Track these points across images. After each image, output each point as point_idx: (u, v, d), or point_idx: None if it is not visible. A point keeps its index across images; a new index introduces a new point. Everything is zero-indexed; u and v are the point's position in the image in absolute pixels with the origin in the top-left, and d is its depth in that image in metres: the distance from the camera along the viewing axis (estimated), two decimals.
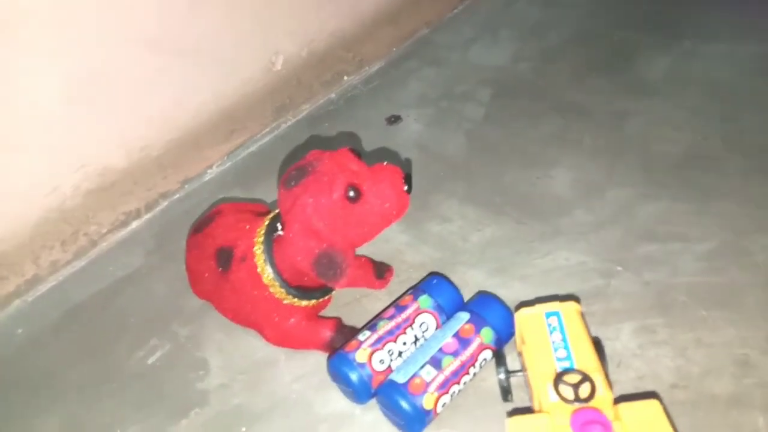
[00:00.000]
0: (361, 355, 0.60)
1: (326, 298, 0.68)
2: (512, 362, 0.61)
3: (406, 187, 0.60)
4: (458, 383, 0.58)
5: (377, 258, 0.79)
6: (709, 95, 0.98)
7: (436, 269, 0.77)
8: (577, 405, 0.48)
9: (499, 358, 0.58)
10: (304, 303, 0.65)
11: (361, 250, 0.79)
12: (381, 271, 0.75)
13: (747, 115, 0.92)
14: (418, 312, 0.64)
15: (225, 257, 0.67)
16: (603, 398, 0.49)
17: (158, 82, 0.91)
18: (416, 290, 0.66)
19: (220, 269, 0.68)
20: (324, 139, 1.06)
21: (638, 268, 0.72)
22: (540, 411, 0.50)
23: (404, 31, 1.33)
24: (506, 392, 0.57)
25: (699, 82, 1.02)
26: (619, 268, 0.73)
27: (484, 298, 0.65)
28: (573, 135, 0.96)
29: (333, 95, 1.19)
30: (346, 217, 0.59)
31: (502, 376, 0.57)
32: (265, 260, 0.63)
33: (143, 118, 0.92)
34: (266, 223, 0.65)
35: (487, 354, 0.61)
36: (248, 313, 0.68)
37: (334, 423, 0.62)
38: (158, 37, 0.89)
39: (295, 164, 0.62)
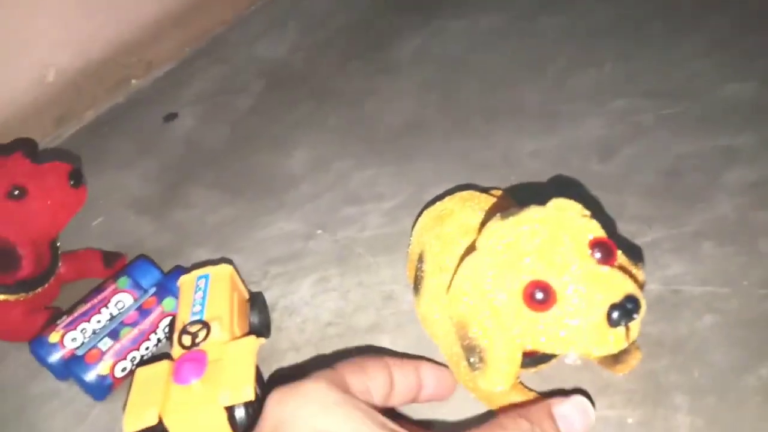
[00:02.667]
0: (54, 337, 0.67)
1: (40, 290, 0.74)
2: None
3: (72, 182, 0.67)
4: (137, 350, 0.67)
5: (121, 247, 0.86)
6: (440, 69, 1.09)
7: (170, 253, 0.85)
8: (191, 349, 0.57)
9: (172, 323, 0.66)
10: (14, 297, 0.72)
11: (100, 242, 0.87)
12: (110, 260, 0.82)
13: (464, 84, 1.04)
14: (115, 292, 0.71)
15: None
16: (215, 341, 0.58)
17: None
18: (118, 273, 0.74)
19: None
20: (99, 144, 1.11)
21: (334, 229, 0.82)
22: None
23: (196, 31, 1.38)
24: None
25: (436, 58, 1.13)
26: (320, 231, 0.82)
27: (175, 272, 0.73)
28: (321, 116, 1.06)
29: (120, 100, 1.24)
30: (16, 215, 0.66)
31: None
32: None
33: None
34: None
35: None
36: None
37: (43, 400, 0.69)
38: None
39: None
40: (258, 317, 0.67)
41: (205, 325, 0.59)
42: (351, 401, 0.39)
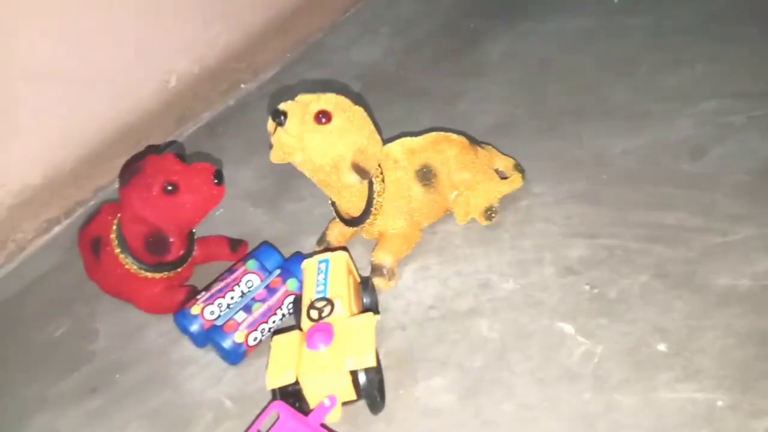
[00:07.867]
0: (195, 310, 0.78)
1: (179, 270, 0.86)
2: None
3: (216, 181, 0.78)
4: (266, 322, 0.77)
5: (241, 235, 0.97)
6: (528, 71, 1.14)
7: (284, 240, 0.95)
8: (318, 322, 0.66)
9: (296, 300, 0.76)
10: (159, 276, 0.83)
11: (223, 230, 0.98)
12: (235, 246, 0.93)
13: (552, 85, 1.08)
14: (245, 273, 0.82)
15: (96, 246, 0.85)
16: (339, 316, 0.66)
17: (59, 107, 1.09)
18: (246, 256, 0.84)
19: (95, 256, 0.86)
20: (215, 142, 1.24)
21: (433, 222, 0.89)
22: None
23: (296, 37, 1.49)
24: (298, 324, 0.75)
25: (524, 60, 1.18)
26: None
27: (295, 257, 0.82)
28: (415, 116, 1.13)
29: (231, 102, 1.37)
30: (169, 207, 0.77)
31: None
32: (117, 244, 0.81)
33: (51, 140, 1.10)
34: (119, 215, 0.83)
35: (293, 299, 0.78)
36: (120, 288, 0.86)
37: (183, 364, 0.80)
38: (54, 71, 1.07)
39: (128, 168, 0.80)
40: (369, 298, 0.75)
41: (330, 302, 0.68)
42: None
